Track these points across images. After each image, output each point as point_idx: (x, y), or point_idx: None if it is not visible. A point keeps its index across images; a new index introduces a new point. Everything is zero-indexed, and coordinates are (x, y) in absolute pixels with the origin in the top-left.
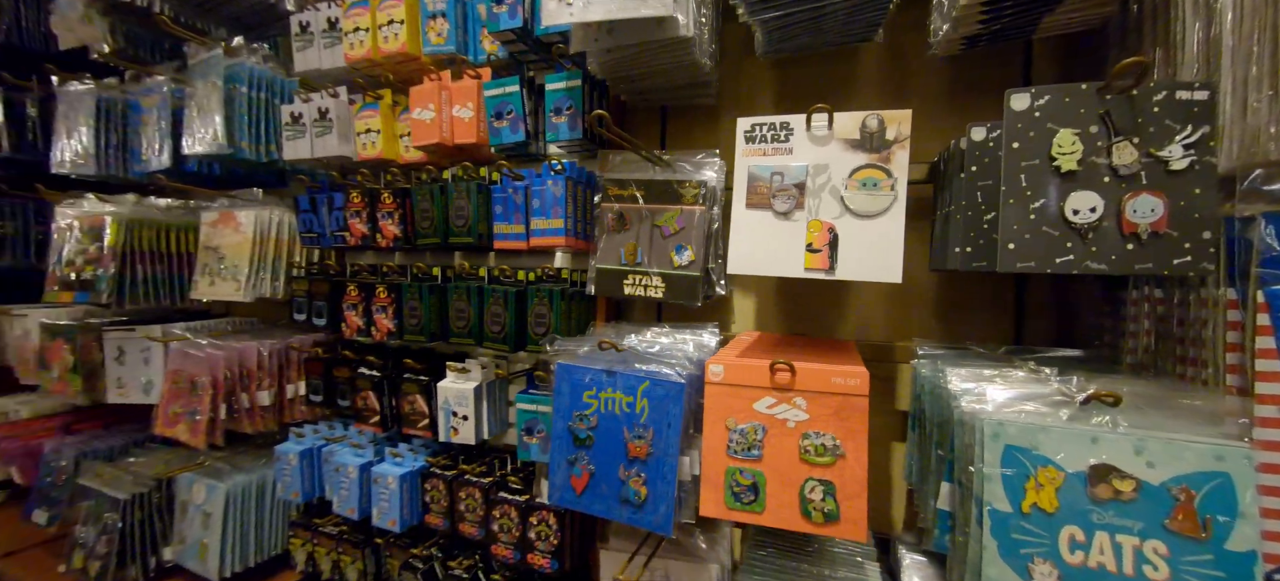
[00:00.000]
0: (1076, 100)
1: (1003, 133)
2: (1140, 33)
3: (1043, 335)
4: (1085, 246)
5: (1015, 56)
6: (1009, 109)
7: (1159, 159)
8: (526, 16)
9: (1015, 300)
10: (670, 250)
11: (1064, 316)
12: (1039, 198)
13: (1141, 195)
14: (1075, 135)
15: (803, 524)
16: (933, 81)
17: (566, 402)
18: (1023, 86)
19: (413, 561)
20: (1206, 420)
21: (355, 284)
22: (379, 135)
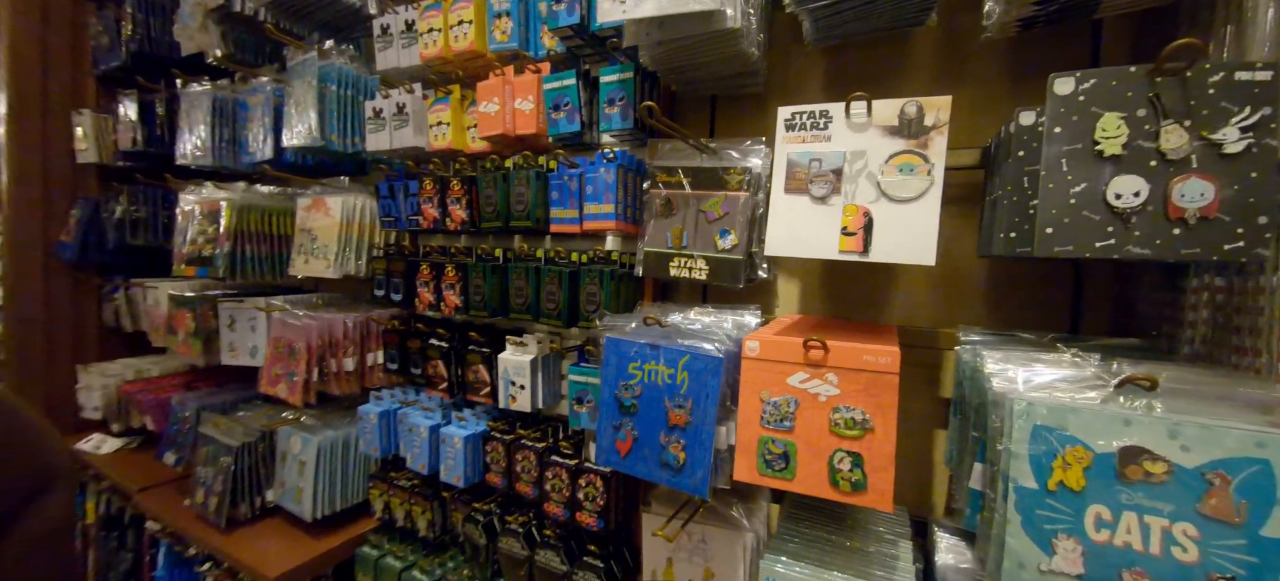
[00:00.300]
0: (1124, 83)
1: (1045, 117)
2: (1212, 9)
3: (1100, 326)
4: (1128, 231)
5: (1083, 36)
6: (1052, 93)
7: (1212, 142)
8: (583, 13)
9: (1072, 290)
10: (714, 234)
11: (1123, 307)
12: (1080, 182)
13: (1191, 179)
14: (1121, 119)
15: (830, 491)
16: (992, 65)
17: (614, 373)
18: (1070, 70)
19: (474, 514)
20: (1252, 408)
21: (427, 263)
22: (449, 127)
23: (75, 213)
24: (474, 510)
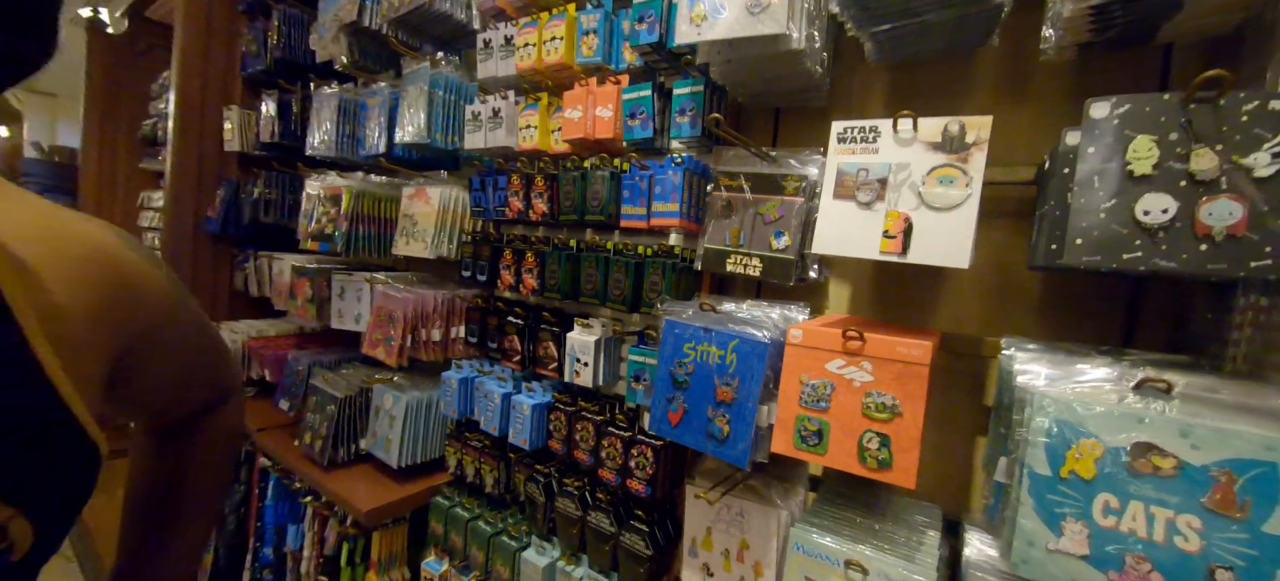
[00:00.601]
0: (1157, 109)
1: (1081, 137)
2: (1273, 38)
3: (1154, 342)
4: (1155, 246)
5: (1155, 58)
6: (1088, 116)
7: (1241, 166)
8: (662, 32)
9: (1127, 307)
10: (770, 235)
11: (1176, 325)
12: (1111, 198)
13: (1220, 199)
14: (1152, 141)
15: (858, 467)
16: (1056, 84)
17: (670, 351)
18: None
19: (536, 475)
20: (1266, 416)
21: (510, 249)
22: (536, 130)
23: (220, 192)
24: (536, 471)
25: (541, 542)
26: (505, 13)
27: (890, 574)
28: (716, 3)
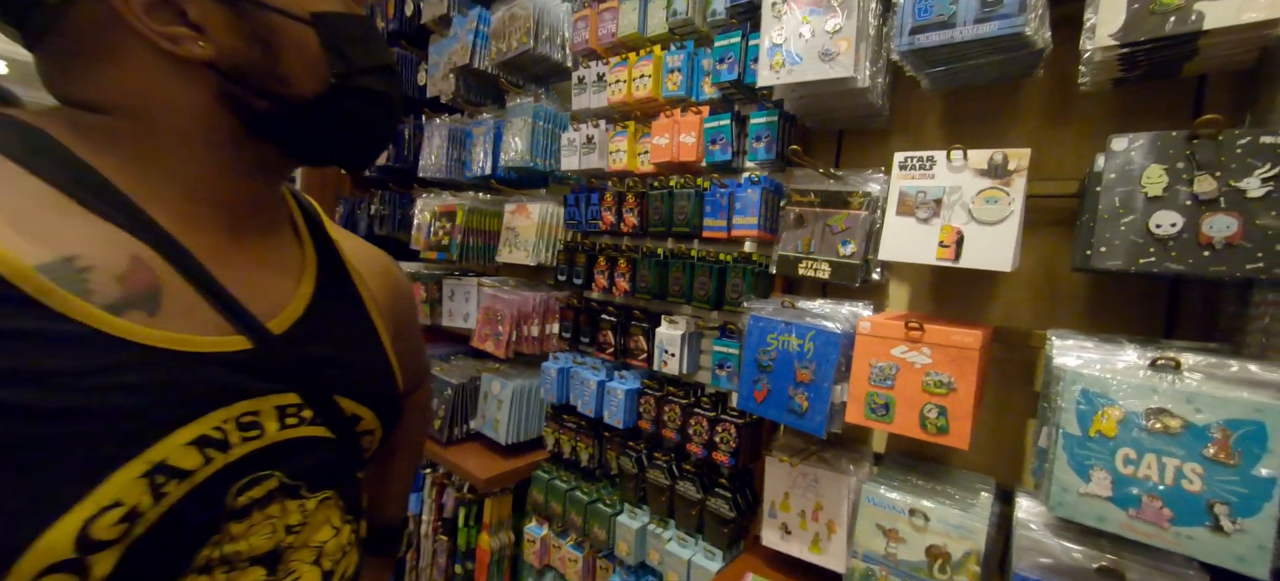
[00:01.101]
0: (1166, 143)
1: (1103, 165)
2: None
3: (1191, 333)
4: (1166, 252)
5: (1189, 88)
6: (1109, 148)
7: (1237, 189)
8: (740, 71)
9: (1167, 304)
10: (837, 243)
11: (1210, 318)
12: (1129, 215)
13: (1218, 215)
14: (1163, 169)
15: (919, 432)
16: (1097, 109)
17: (755, 341)
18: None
19: (629, 450)
20: (1257, 386)
21: (604, 256)
22: (625, 153)
23: (339, 209)
24: (628, 447)
25: (633, 509)
26: (596, 53)
27: (948, 518)
28: (794, 52)
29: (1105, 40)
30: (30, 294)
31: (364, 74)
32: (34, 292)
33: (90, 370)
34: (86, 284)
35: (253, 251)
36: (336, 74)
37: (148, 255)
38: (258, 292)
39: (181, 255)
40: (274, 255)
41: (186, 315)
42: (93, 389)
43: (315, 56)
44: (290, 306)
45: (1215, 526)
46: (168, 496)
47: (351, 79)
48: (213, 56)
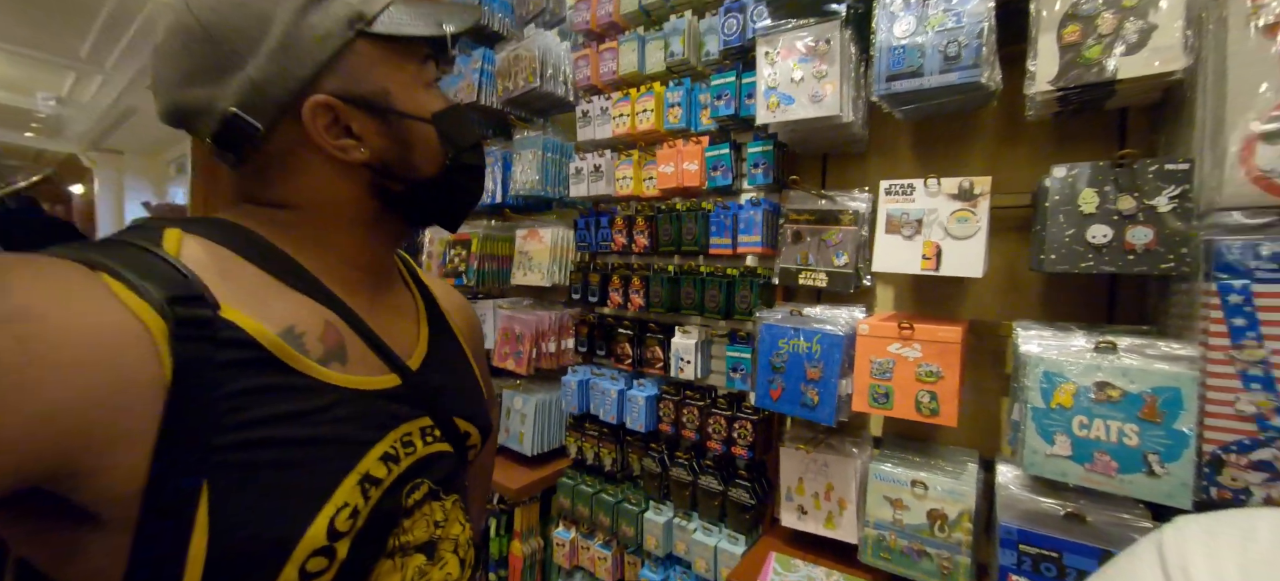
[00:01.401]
0: (1096, 172)
1: (1048, 188)
2: (1178, 106)
3: (1128, 318)
4: (1100, 257)
5: (1113, 117)
6: (1052, 175)
7: (1150, 206)
8: (736, 106)
9: (1108, 295)
10: (832, 255)
11: (1142, 307)
12: (1070, 228)
13: (1138, 227)
14: (1094, 192)
15: (915, 415)
16: (1043, 133)
17: (768, 346)
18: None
19: (651, 451)
20: (1174, 360)
21: (617, 275)
22: (631, 180)
23: None
24: (650, 449)
25: (658, 505)
26: (598, 88)
27: (943, 486)
28: (787, 94)
29: (1043, 85)
30: (279, 357)
31: (466, 152)
32: (280, 356)
33: (319, 408)
34: (304, 345)
35: (387, 303)
36: (449, 157)
37: (333, 319)
38: (396, 337)
39: (352, 316)
40: (399, 304)
41: (362, 362)
42: (323, 422)
43: (434, 146)
44: (418, 347)
45: (1150, 472)
46: (371, 498)
47: (459, 158)
48: (368, 158)
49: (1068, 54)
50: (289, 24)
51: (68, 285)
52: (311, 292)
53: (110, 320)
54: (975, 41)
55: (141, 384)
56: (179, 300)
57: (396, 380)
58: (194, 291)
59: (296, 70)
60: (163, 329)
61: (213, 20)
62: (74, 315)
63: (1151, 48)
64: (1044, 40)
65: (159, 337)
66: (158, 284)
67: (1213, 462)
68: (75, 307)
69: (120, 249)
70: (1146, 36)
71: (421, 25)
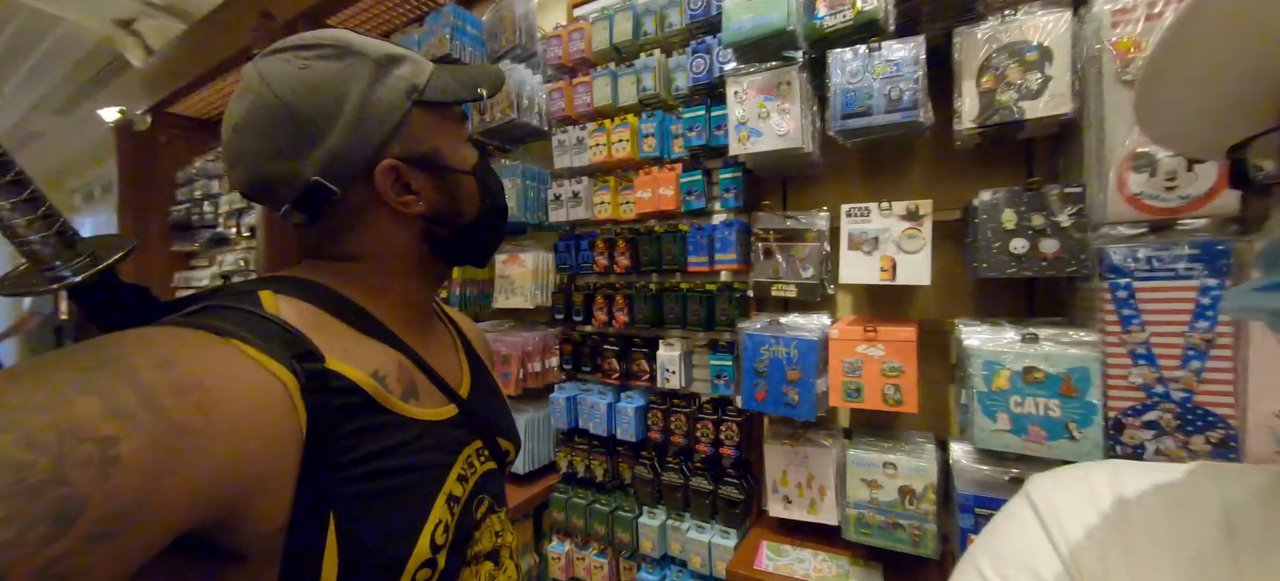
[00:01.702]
0: (1013, 196)
1: (977, 210)
2: (1072, 139)
3: (1045, 312)
4: (1021, 264)
5: (1023, 145)
6: (980, 198)
7: (1056, 222)
8: (707, 138)
9: (1028, 293)
10: (799, 268)
11: (1056, 301)
12: (996, 241)
13: (1048, 239)
14: (1013, 211)
15: (883, 406)
16: (969, 159)
17: (750, 353)
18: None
19: (643, 459)
20: (1081, 345)
21: (601, 295)
22: (609, 204)
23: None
24: (641, 457)
25: (651, 509)
26: (572, 119)
27: (909, 465)
28: (755, 129)
29: (968, 123)
30: (376, 399)
31: (497, 196)
32: (377, 397)
33: (410, 440)
34: (389, 386)
35: (435, 338)
36: (485, 202)
37: (403, 361)
38: (447, 369)
39: (415, 356)
40: (442, 337)
41: (429, 396)
42: (414, 451)
43: (475, 194)
44: (464, 377)
45: (1071, 437)
46: (455, 514)
47: (494, 202)
48: (424, 210)
49: (986, 98)
50: (360, 100)
51: (220, 355)
52: (382, 337)
53: (260, 381)
54: (913, 87)
55: (288, 435)
56: (300, 357)
57: (454, 409)
58: (308, 347)
59: (370, 140)
60: (295, 384)
61: (295, 101)
62: (234, 381)
63: (1049, 94)
64: (967, 86)
65: (294, 392)
66: (281, 344)
67: (1116, 425)
68: (233, 374)
69: (232, 314)
70: (1044, 85)
71: (463, 91)
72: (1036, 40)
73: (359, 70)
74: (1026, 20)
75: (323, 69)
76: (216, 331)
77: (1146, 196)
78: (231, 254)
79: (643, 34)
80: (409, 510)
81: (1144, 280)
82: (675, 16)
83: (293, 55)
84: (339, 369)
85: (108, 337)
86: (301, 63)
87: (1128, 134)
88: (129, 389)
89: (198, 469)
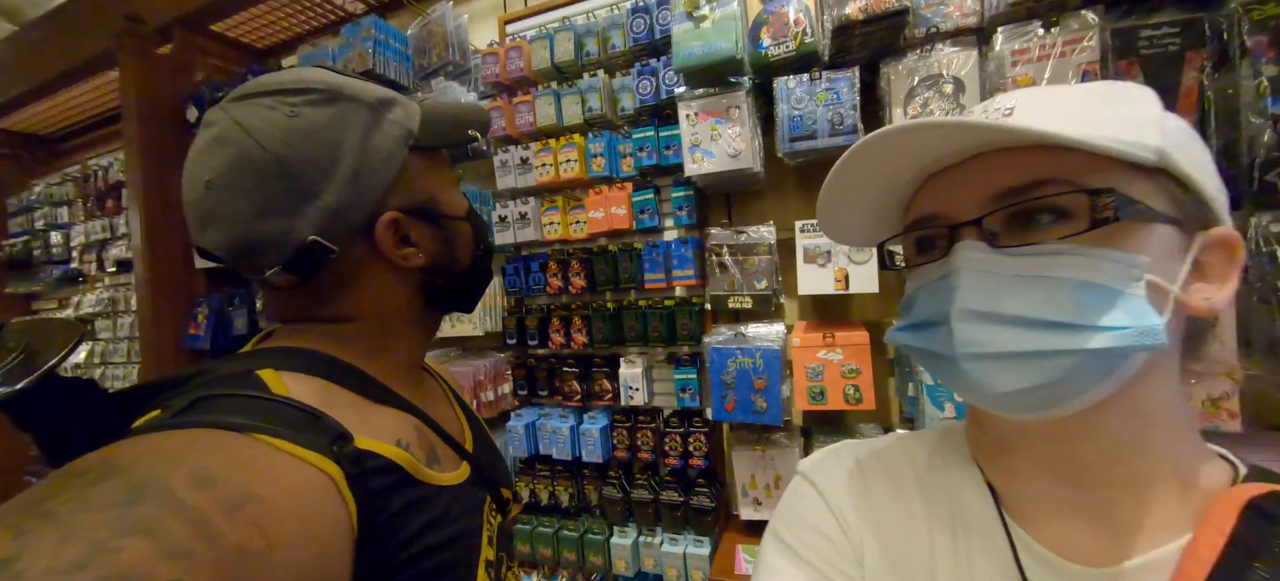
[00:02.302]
0: None
1: None
2: None
3: None
4: None
5: None
6: None
7: None
8: (657, 157)
9: None
10: (753, 281)
11: None
12: None
13: None
14: None
15: (845, 405)
16: None
17: (717, 365)
18: None
19: (610, 480)
20: None
21: (557, 317)
22: (559, 224)
23: (200, 309)
24: (608, 478)
25: (622, 528)
26: (513, 138)
27: None
28: (708, 150)
29: None
30: (411, 473)
31: (487, 239)
32: (411, 470)
33: (444, 511)
34: (414, 455)
35: (431, 393)
36: (479, 246)
37: (420, 425)
38: (449, 425)
39: (425, 417)
40: (436, 390)
41: (446, 459)
42: (449, 521)
43: (469, 239)
44: (465, 431)
45: None
46: (491, 577)
47: (486, 245)
48: (424, 262)
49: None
50: (358, 150)
51: (257, 456)
52: (392, 402)
53: (305, 480)
54: (852, 113)
55: (340, 531)
56: (335, 441)
57: (468, 468)
58: (338, 430)
59: (370, 193)
60: (340, 474)
61: (287, 154)
62: (281, 485)
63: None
64: (897, 113)
65: (340, 483)
66: (313, 431)
67: None
68: (277, 477)
69: (239, 403)
70: (960, 113)
71: (454, 134)
72: (951, 73)
73: (353, 117)
74: (940, 55)
75: (314, 116)
76: (231, 428)
77: None
78: (91, 294)
79: (585, 54)
80: (459, 576)
81: None
82: (618, 38)
83: (277, 100)
84: (370, 447)
85: (115, 459)
86: (289, 109)
87: None
88: (177, 520)
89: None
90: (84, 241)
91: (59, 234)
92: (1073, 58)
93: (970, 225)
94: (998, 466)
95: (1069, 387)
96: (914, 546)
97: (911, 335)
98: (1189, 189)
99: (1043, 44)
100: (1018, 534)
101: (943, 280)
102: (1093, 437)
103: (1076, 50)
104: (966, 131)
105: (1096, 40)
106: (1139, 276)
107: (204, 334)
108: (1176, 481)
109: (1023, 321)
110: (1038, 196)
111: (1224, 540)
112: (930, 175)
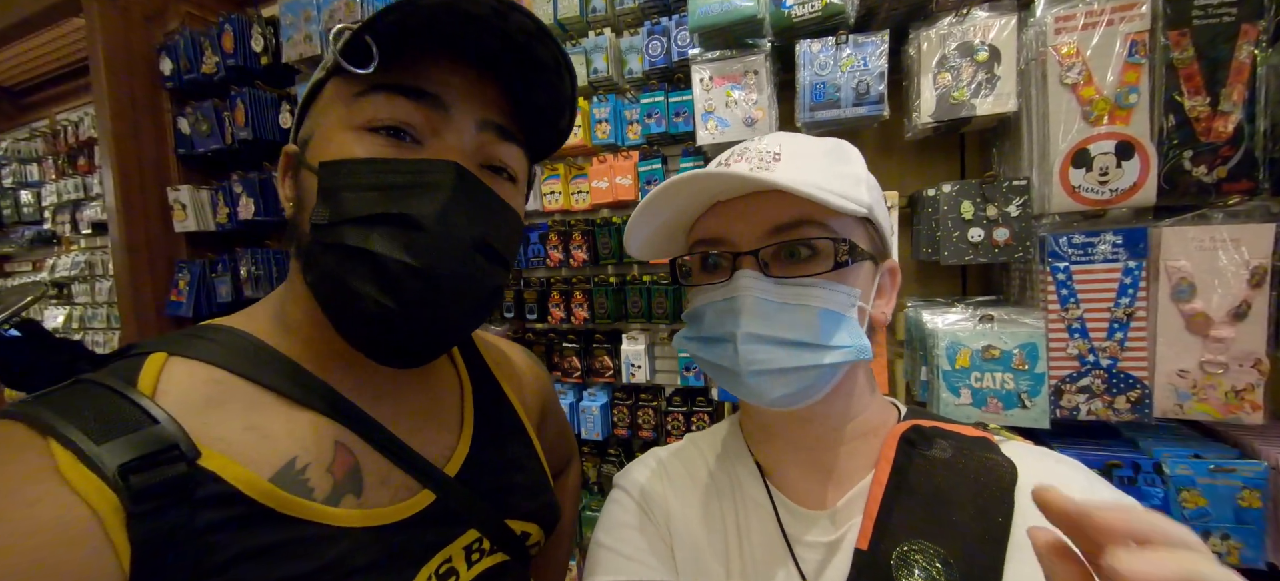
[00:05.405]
0: (970, 188)
1: (939, 201)
2: (1007, 134)
3: (976, 291)
4: (978, 251)
5: (957, 138)
6: (941, 190)
7: (1006, 212)
8: (666, 125)
9: (961, 274)
10: None
11: (988, 282)
12: (956, 230)
13: (1000, 228)
14: (970, 203)
15: None
16: (912, 148)
17: None
18: (950, 165)
19: (608, 459)
20: (1029, 324)
21: (557, 291)
22: (560, 194)
23: (181, 276)
24: (608, 455)
25: None
26: None
27: None
28: (723, 118)
29: (926, 117)
30: (275, 508)
31: (347, 225)
32: (276, 506)
33: (331, 562)
34: (308, 483)
35: (419, 393)
36: (314, 223)
37: (345, 437)
38: (431, 437)
39: (371, 427)
40: (436, 391)
41: (384, 485)
42: (341, 573)
43: (313, 206)
44: (459, 446)
45: (1022, 406)
46: None
47: (328, 232)
48: (290, 217)
49: (941, 94)
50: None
51: (16, 474)
52: (321, 407)
53: (49, 517)
54: (878, 83)
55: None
56: (141, 463)
57: (430, 497)
58: (165, 443)
59: (301, 119)
60: (116, 508)
61: None
62: (13, 520)
63: (997, 93)
64: (924, 82)
65: (111, 522)
66: (117, 445)
67: (1056, 392)
68: (18, 506)
69: (87, 393)
70: (993, 85)
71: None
72: (986, 41)
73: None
74: (976, 20)
75: None
76: (41, 427)
77: (1084, 189)
78: (67, 256)
79: (590, 10)
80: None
81: (1079, 264)
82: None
83: None
84: (218, 469)
85: None
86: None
87: (1067, 133)
88: None
89: None
90: (56, 201)
91: (29, 193)
92: (1120, 27)
93: (749, 255)
94: (763, 448)
95: (815, 388)
96: (708, 520)
97: (701, 347)
98: (879, 230)
99: (1090, 11)
100: (778, 496)
101: (728, 301)
102: (822, 417)
103: (1125, 18)
104: (752, 183)
105: (1148, 7)
106: (855, 303)
107: (186, 301)
108: (866, 433)
109: (788, 342)
110: (799, 235)
111: (889, 467)
112: (718, 202)
